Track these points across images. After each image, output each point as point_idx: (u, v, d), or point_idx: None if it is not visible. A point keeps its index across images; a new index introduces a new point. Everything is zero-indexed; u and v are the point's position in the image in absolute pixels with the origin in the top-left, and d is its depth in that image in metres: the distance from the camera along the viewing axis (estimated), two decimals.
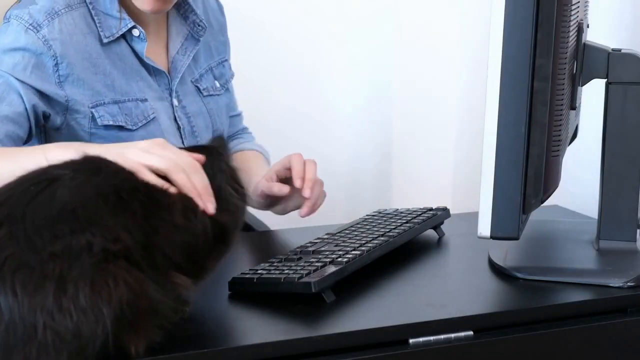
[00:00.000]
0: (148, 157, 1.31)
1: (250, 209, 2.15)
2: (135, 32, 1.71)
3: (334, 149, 2.63)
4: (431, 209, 1.73)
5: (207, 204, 1.28)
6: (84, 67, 1.67)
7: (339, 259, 1.41)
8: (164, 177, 1.28)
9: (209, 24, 1.83)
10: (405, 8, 2.60)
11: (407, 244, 1.59)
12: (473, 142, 2.54)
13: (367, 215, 1.72)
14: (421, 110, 2.65)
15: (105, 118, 1.67)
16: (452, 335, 1.30)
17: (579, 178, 2.16)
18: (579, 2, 1.49)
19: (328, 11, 2.60)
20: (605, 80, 1.53)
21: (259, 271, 1.40)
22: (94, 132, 1.67)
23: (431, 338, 1.29)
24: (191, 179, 1.29)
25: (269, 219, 2.09)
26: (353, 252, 1.45)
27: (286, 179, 1.74)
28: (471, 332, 1.31)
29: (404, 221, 1.64)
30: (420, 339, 1.29)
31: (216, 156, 1.35)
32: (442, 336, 1.29)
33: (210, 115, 1.82)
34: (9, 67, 1.61)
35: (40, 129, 1.67)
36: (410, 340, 1.28)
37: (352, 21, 2.61)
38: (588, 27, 1.64)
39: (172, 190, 1.27)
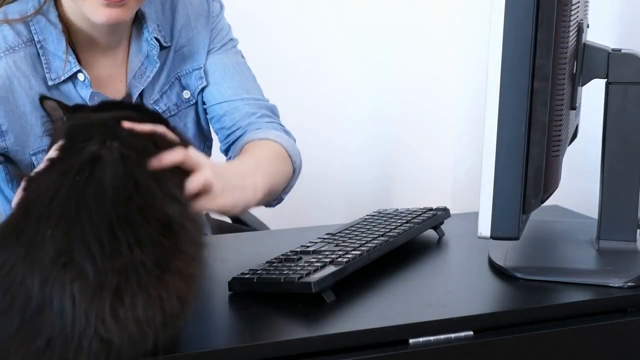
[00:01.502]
0: None
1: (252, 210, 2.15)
2: (81, 77, 1.63)
3: (334, 149, 2.64)
4: (431, 209, 1.73)
5: None
6: (26, 112, 1.61)
7: (339, 259, 1.41)
8: None
9: (187, 28, 1.74)
10: (405, 10, 2.60)
11: (407, 244, 1.59)
12: (473, 142, 2.54)
13: (367, 215, 1.72)
14: (421, 110, 2.65)
15: None
16: (452, 335, 1.30)
17: (579, 178, 2.16)
18: (579, 2, 1.49)
19: (331, 16, 2.60)
20: (605, 80, 1.53)
21: (259, 271, 1.40)
22: None
23: (431, 338, 1.29)
24: None
25: (269, 219, 2.09)
26: (353, 252, 1.45)
27: None
28: (471, 332, 1.31)
29: (404, 221, 1.64)
30: (420, 339, 1.29)
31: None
32: (442, 336, 1.29)
33: None
34: None
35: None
36: (410, 340, 1.28)
37: (354, 24, 2.61)
38: (588, 27, 1.64)
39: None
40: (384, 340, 1.28)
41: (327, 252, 1.45)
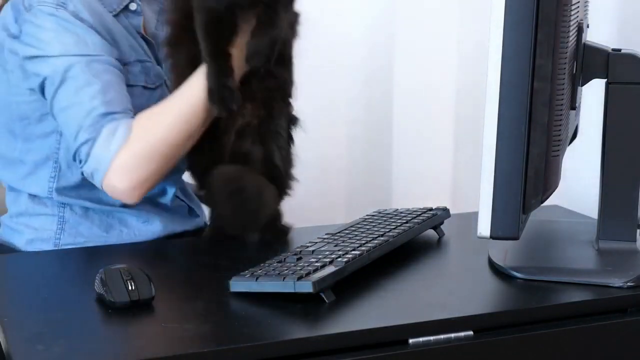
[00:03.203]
0: None
1: None
2: (133, 6, 1.76)
3: (334, 149, 2.63)
4: (431, 209, 1.73)
5: None
6: (107, 31, 1.70)
7: (339, 259, 1.41)
8: None
9: None
10: (405, 7, 2.60)
11: (407, 244, 1.59)
12: (473, 142, 2.54)
13: (367, 215, 1.72)
14: (421, 110, 2.65)
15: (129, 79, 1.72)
16: (452, 335, 1.30)
17: (579, 178, 2.16)
18: (579, 2, 1.49)
19: (328, 9, 2.60)
20: (605, 80, 1.53)
21: (259, 271, 1.40)
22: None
23: (431, 338, 1.29)
24: None
25: None
26: (353, 252, 1.45)
27: None
28: (471, 332, 1.31)
29: (404, 221, 1.64)
30: (420, 339, 1.29)
31: None
32: (442, 336, 1.29)
33: None
34: (75, 48, 1.64)
35: None
36: (410, 340, 1.28)
37: (352, 20, 2.61)
38: (588, 27, 1.65)
39: None
40: (383, 340, 1.28)
41: (327, 252, 1.45)
